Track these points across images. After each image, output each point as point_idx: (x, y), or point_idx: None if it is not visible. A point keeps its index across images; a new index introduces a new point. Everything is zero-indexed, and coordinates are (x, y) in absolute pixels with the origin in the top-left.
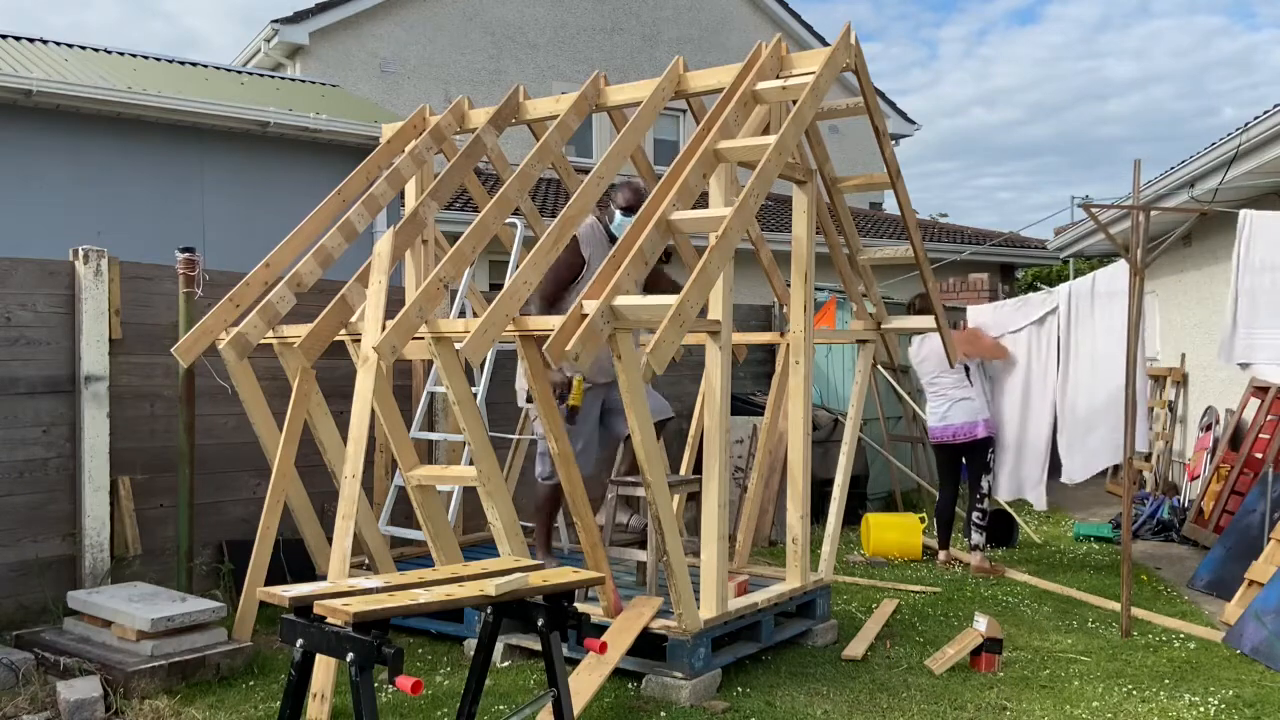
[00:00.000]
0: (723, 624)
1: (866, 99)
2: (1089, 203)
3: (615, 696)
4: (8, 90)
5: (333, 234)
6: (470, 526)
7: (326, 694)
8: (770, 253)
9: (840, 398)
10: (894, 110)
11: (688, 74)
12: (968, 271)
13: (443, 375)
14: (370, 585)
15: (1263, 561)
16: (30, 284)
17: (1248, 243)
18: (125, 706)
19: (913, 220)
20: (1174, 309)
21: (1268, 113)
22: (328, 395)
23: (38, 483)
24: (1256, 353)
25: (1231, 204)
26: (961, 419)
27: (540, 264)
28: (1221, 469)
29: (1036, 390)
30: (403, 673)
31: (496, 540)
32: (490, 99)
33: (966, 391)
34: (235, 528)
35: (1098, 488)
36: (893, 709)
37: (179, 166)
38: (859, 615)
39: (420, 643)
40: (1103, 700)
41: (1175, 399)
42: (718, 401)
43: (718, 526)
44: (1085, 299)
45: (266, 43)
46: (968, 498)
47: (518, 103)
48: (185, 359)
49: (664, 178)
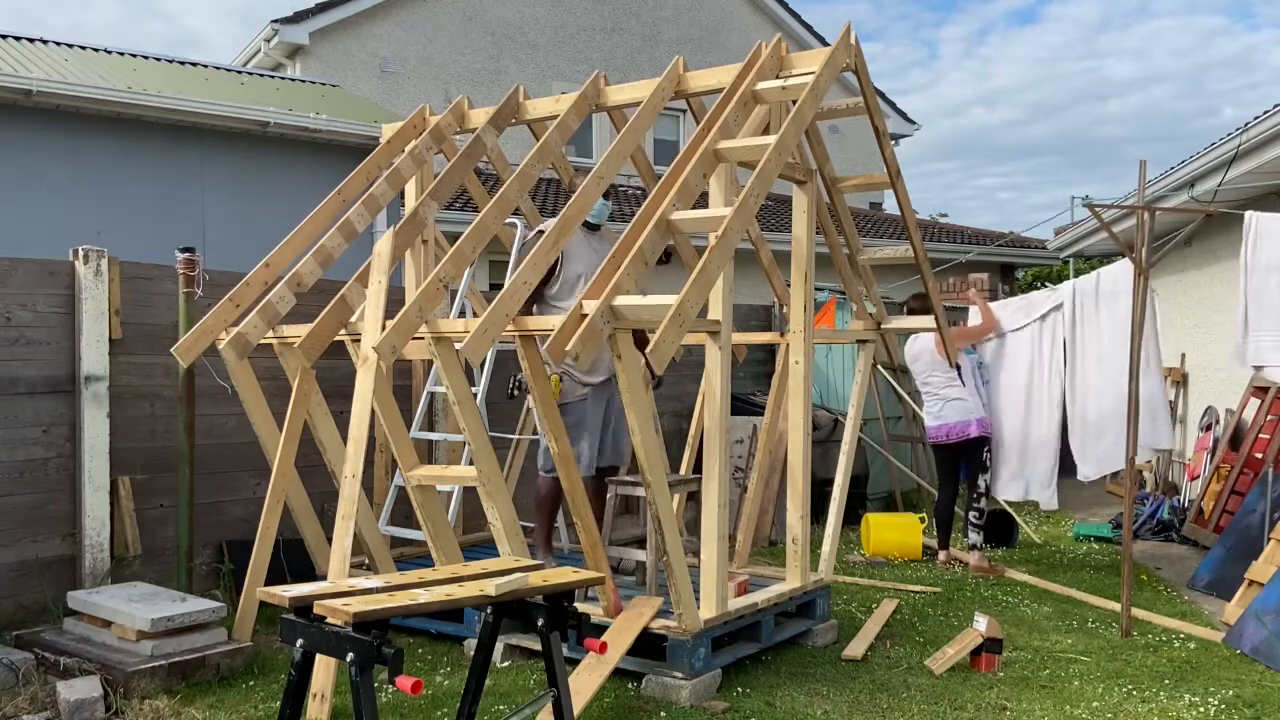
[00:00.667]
0: (723, 624)
1: (866, 99)
2: (1093, 202)
3: (615, 696)
4: (8, 90)
5: (333, 234)
6: (470, 526)
7: (326, 694)
8: (770, 253)
9: (840, 398)
10: (894, 110)
11: (688, 74)
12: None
13: (443, 375)
14: (370, 585)
15: (1263, 561)
16: (30, 284)
17: (1254, 244)
18: (125, 706)
19: (913, 220)
20: (1174, 309)
21: (1267, 113)
22: (328, 395)
23: (38, 483)
24: (1266, 354)
25: (1232, 204)
26: (955, 418)
27: (540, 264)
28: (1221, 469)
29: (1042, 388)
30: (403, 673)
31: (496, 540)
32: (490, 99)
33: (958, 391)
34: (235, 528)
35: (1098, 487)
36: (893, 709)
37: (179, 166)
38: (859, 615)
39: (420, 643)
40: (1103, 700)
41: (1175, 399)
42: (718, 401)
43: (718, 526)
44: (1090, 298)
45: (266, 43)
46: (965, 497)
47: (518, 103)
48: (185, 359)
49: (664, 178)
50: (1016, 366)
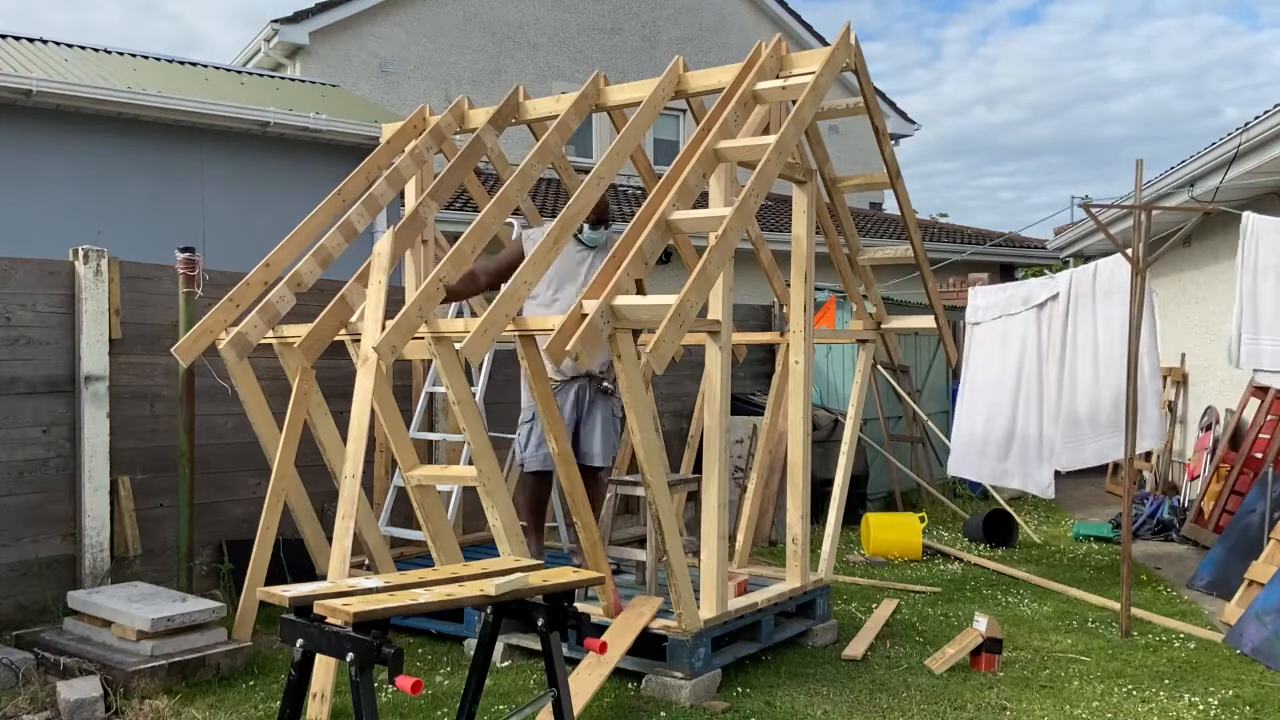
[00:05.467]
0: (722, 624)
1: (866, 99)
2: (1089, 202)
3: (615, 696)
4: (8, 90)
5: (333, 234)
6: (470, 526)
7: (326, 694)
8: (770, 253)
9: (840, 398)
10: (894, 110)
11: (688, 74)
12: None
13: (443, 375)
14: (370, 585)
15: (1263, 561)
16: (30, 284)
17: (1251, 246)
18: (125, 706)
19: (913, 220)
20: (1173, 309)
21: (1268, 112)
22: (328, 395)
23: (38, 483)
24: (1262, 359)
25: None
26: None
27: (540, 264)
28: (1221, 469)
29: (1035, 378)
30: (403, 673)
31: (496, 540)
32: (490, 99)
33: None
34: (235, 528)
35: (1097, 487)
36: (893, 709)
37: (179, 166)
38: (859, 615)
39: (420, 643)
40: (1103, 700)
41: (1175, 399)
42: (718, 401)
43: (718, 526)
44: (1087, 290)
45: (266, 43)
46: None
47: (518, 103)
48: (185, 359)
49: (664, 178)
50: (1010, 353)
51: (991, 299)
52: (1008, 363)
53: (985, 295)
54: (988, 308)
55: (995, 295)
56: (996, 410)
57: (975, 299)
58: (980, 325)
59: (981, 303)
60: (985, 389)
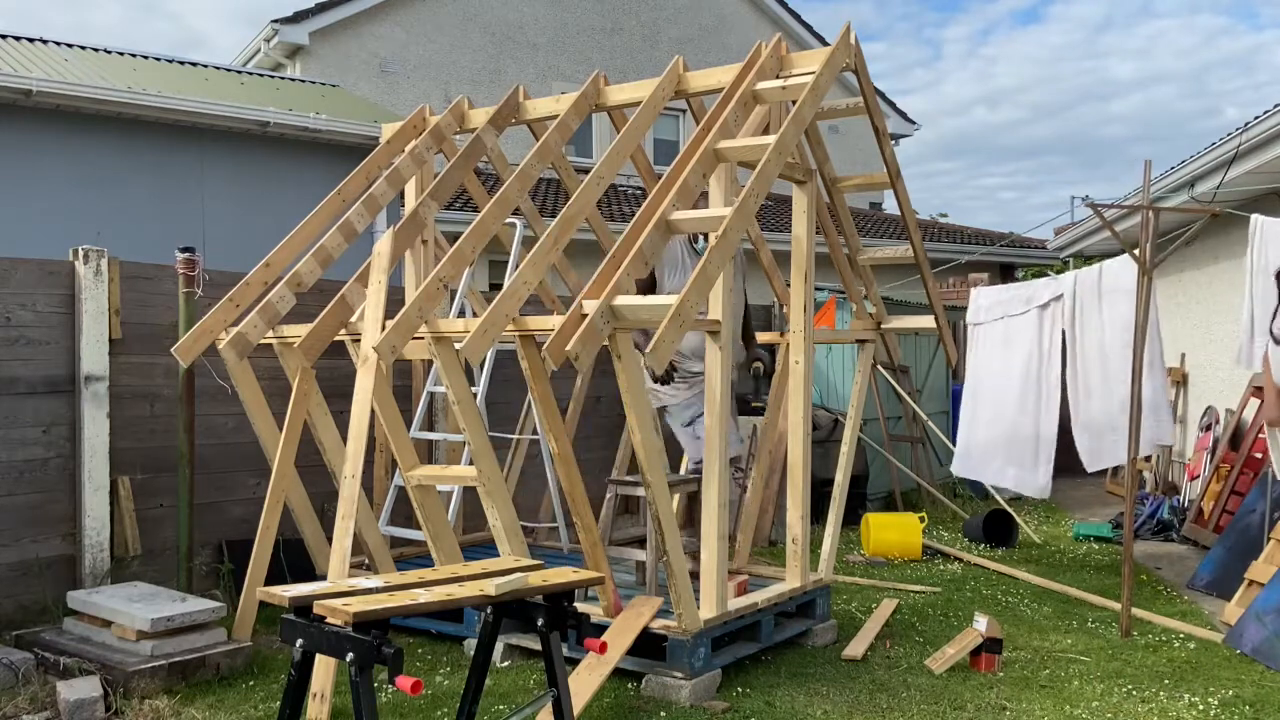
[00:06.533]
0: (722, 624)
1: (866, 99)
2: (1094, 201)
3: (615, 696)
4: (8, 90)
5: (333, 234)
6: (470, 526)
7: (326, 694)
8: (770, 253)
9: (840, 398)
10: (894, 110)
11: (688, 74)
12: (968, 271)
13: (443, 375)
14: (370, 585)
15: (1263, 561)
16: (30, 284)
17: (1259, 248)
18: (125, 706)
19: (913, 220)
20: (1174, 308)
21: (1268, 112)
22: (328, 395)
23: (38, 483)
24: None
25: (1232, 204)
26: None
27: (540, 264)
28: (1221, 469)
29: (1036, 378)
30: (403, 673)
31: (496, 540)
32: (490, 99)
33: None
34: (235, 528)
35: (1097, 487)
36: (893, 709)
37: (179, 166)
38: (859, 615)
39: (420, 643)
40: (1103, 700)
41: (1175, 399)
42: (718, 401)
43: (718, 526)
44: (1092, 290)
45: (266, 43)
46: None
47: (518, 103)
48: (185, 359)
49: (664, 178)
50: (1014, 354)
51: (993, 299)
52: (1008, 363)
53: (987, 295)
54: (989, 308)
55: (997, 295)
56: (997, 411)
57: (977, 299)
58: (981, 326)
59: (983, 303)
60: (986, 389)
